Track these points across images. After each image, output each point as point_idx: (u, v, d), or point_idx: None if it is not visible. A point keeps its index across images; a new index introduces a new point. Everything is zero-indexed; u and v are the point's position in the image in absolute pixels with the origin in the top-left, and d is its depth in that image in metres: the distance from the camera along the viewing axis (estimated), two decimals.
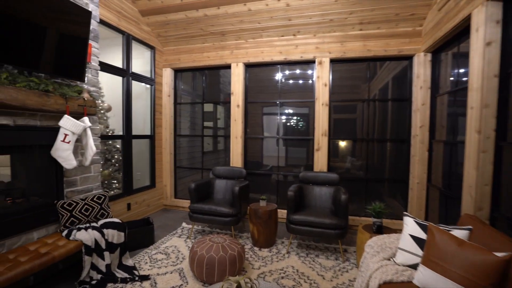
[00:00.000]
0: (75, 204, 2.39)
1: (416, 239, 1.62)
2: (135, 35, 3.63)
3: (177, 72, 4.41)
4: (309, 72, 3.78)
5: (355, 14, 3.18)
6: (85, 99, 2.47)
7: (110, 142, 3.84)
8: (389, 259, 1.72)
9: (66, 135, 2.30)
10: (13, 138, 2.05)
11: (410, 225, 1.69)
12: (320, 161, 3.60)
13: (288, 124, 4.07)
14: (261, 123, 4.32)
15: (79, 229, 2.27)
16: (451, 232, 1.52)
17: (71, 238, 2.18)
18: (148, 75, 4.08)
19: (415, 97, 3.27)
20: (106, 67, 3.23)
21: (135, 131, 4.18)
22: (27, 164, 2.41)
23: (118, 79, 3.74)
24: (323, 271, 2.47)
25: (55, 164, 2.38)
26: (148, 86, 4.14)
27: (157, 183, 4.25)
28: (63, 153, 2.29)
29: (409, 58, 3.35)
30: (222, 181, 3.67)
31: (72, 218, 2.35)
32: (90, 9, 2.64)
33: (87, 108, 2.50)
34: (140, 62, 4.22)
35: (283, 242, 3.11)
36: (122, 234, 2.47)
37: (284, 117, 4.02)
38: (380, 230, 2.30)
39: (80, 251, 2.15)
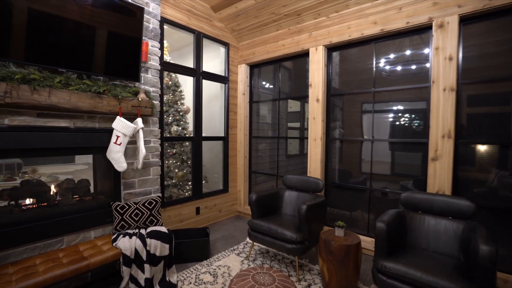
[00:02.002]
0: (127, 207, 2.33)
1: None
2: (206, 33, 3.48)
3: (253, 67, 4.04)
4: (426, 51, 2.54)
5: None
6: (139, 99, 2.39)
7: (187, 143, 3.88)
8: None
9: (118, 136, 2.26)
10: (74, 139, 2.13)
11: None
12: (439, 176, 2.34)
13: (397, 123, 2.90)
14: (360, 123, 3.33)
15: (124, 235, 2.17)
16: None
17: (114, 244, 2.09)
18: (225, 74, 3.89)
19: None
20: (174, 67, 3.19)
21: (211, 133, 4.11)
22: (94, 165, 2.55)
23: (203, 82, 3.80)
24: None
25: (112, 166, 2.39)
26: (223, 85, 3.96)
27: (230, 188, 4.01)
28: (115, 155, 2.26)
29: None
30: (293, 194, 2.99)
31: (122, 222, 2.29)
32: (150, 9, 2.58)
33: (141, 109, 2.41)
34: (219, 62, 4.11)
35: None
36: (167, 246, 2.23)
37: (391, 115, 2.88)
38: None
39: (118, 260, 2.02)
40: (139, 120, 2.36)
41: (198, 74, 3.44)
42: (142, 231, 2.29)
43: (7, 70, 1.72)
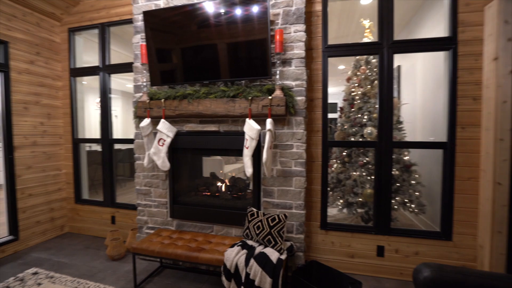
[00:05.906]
0: (255, 216, 2.16)
1: None
2: None
3: None
4: None
5: None
6: (270, 98, 2.10)
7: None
8: None
9: (246, 139, 2.17)
10: (222, 142, 2.38)
11: None
12: None
13: None
14: None
15: (240, 244, 2.03)
16: None
17: (226, 249, 2.03)
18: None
19: None
20: (338, 49, 2.39)
21: (433, 136, 2.62)
22: None
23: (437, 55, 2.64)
24: None
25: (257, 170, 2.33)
26: (446, 54, 2.31)
27: (457, 235, 2.25)
28: (244, 158, 2.19)
29: None
30: None
31: (247, 230, 2.16)
32: None
33: (272, 108, 2.10)
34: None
35: None
36: (268, 280, 1.76)
37: None
38: None
39: (220, 267, 1.93)
40: (268, 121, 2.09)
41: (384, 47, 2.30)
42: (260, 248, 2.00)
43: (173, 90, 2.33)
